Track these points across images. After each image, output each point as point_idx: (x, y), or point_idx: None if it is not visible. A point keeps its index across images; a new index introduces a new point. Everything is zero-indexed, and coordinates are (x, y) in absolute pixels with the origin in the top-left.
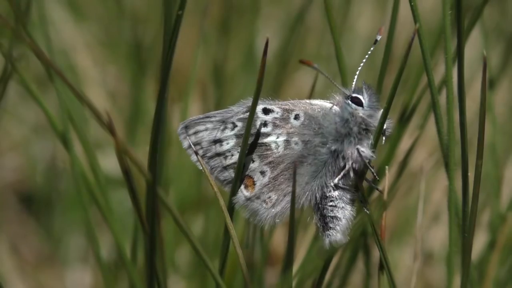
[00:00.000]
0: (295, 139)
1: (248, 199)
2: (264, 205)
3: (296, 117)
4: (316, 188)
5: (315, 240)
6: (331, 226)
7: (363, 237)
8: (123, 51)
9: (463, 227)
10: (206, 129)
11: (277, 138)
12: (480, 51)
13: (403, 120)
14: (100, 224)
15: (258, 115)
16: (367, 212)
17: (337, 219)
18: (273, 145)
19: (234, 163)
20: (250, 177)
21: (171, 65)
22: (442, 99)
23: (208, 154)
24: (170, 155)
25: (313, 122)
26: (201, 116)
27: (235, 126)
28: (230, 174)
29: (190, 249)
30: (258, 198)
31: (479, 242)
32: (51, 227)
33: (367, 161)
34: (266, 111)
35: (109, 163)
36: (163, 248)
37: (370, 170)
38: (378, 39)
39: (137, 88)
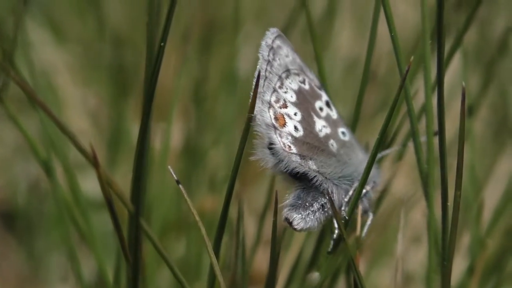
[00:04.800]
0: (334, 142)
1: (273, 126)
2: (281, 144)
3: (343, 133)
4: (328, 177)
5: (298, 260)
6: (307, 209)
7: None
8: (104, 73)
9: (443, 255)
10: (287, 56)
11: (323, 127)
12: (458, 71)
13: (384, 147)
14: (82, 244)
15: (322, 99)
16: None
17: (313, 210)
18: (318, 126)
19: (282, 99)
20: (284, 118)
21: (154, 96)
22: (422, 126)
23: (274, 69)
24: (152, 174)
25: (350, 151)
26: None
27: (304, 81)
28: (272, 97)
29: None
30: (280, 135)
31: (458, 267)
32: (33, 247)
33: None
34: (328, 104)
35: (91, 184)
36: (144, 275)
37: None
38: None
39: (118, 109)
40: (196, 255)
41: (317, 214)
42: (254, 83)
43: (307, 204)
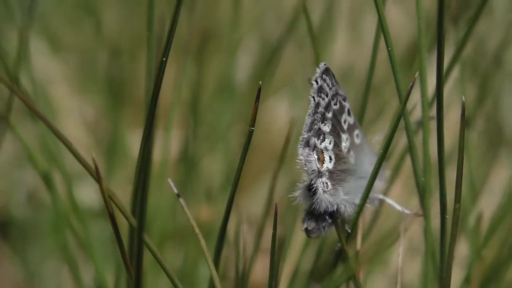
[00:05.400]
0: (353, 153)
1: (317, 171)
2: (322, 186)
3: (357, 136)
4: (352, 201)
5: (297, 270)
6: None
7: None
8: (100, 82)
9: (441, 268)
10: (329, 85)
11: (346, 140)
12: (453, 83)
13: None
14: (80, 252)
15: (346, 109)
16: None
17: (330, 222)
18: (343, 143)
19: (322, 134)
20: (323, 154)
21: (156, 114)
22: (418, 139)
23: (320, 109)
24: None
25: (363, 149)
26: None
27: (336, 102)
28: (320, 138)
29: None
30: (321, 176)
31: (455, 277)
32: (28, 256)
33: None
34: (349, 113)
35: (88, 192)
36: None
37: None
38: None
39: (115, 118)
40: (193, 263)
41: (331, 226)
42: (304, 129)
43: (326, 217)
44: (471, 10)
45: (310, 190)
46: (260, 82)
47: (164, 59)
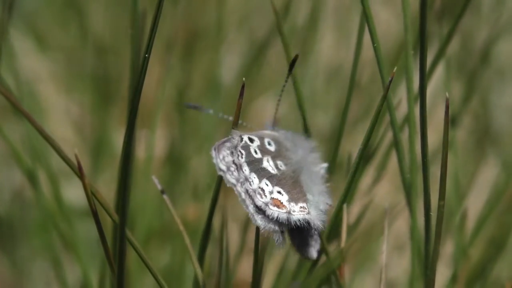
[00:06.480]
0: (279, 162)
1: (288, 212)
2: (303, 216)
3: (269, 143)
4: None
5: (282, 268)
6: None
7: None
8: (87, 81)
9: (426, 265)
10: (228, 155)
11: (268, 161)
12: (441, 80)
13: (366, 158)
14: (66, 251)
15: (247, 143)
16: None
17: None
18: (269, 168)
19: (261, 188)
20: (276, 199)
21: (138, 108)
22: (405, 136)
23: (243, 187)
24: (135, 181)
25: (282, 146)
26: (223, 140)
27: (242, 154)
28: (259, 198)
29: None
30: (289, 213)
31: (442, 275)
32: (16, 254)
33: None
34: (251, 140)
35: (74, 191)
36: (129, 283)
37: None
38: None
39: (101, 116)
40: (180, 262)
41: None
42: (245, 209)
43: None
44: (457, 8)
45: (297, 228)
46: (244, 78)
47: (146, 55)
